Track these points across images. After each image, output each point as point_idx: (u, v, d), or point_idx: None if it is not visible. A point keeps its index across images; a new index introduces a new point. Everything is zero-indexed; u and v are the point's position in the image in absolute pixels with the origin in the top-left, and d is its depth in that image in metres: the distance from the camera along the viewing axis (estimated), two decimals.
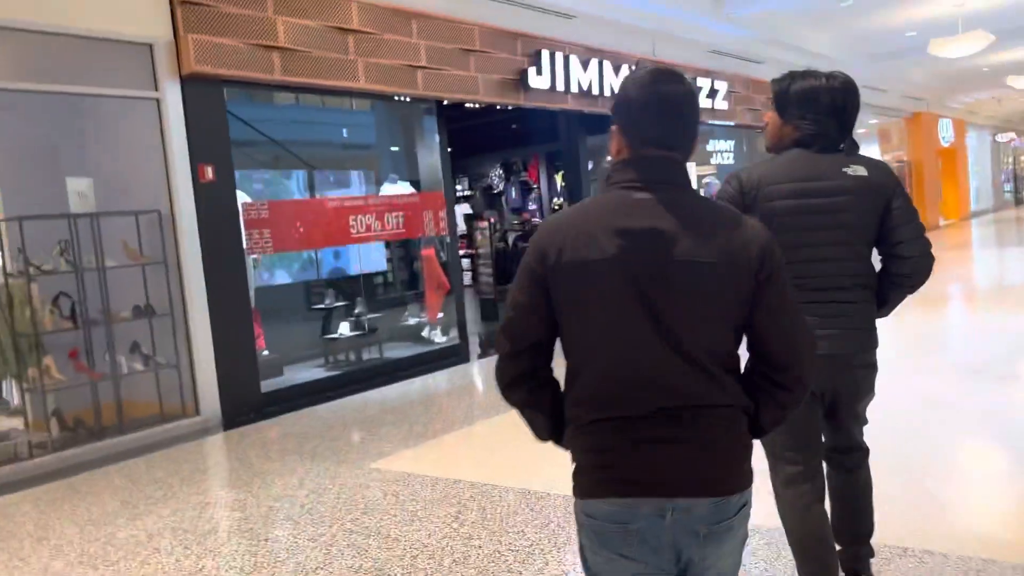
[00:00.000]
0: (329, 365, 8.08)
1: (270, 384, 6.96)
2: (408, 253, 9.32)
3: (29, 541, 4.06)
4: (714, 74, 12.05)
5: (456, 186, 14.53)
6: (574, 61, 9.50)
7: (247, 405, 6.48)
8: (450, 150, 8.87)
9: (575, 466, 1.65)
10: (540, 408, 1.70)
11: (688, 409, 1.56)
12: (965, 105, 24.81)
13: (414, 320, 9.12)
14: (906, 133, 21.61)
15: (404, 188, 8.78)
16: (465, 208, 16.41)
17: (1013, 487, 3.81)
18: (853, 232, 2.40)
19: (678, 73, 1.64)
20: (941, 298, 9.61)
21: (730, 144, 14.19)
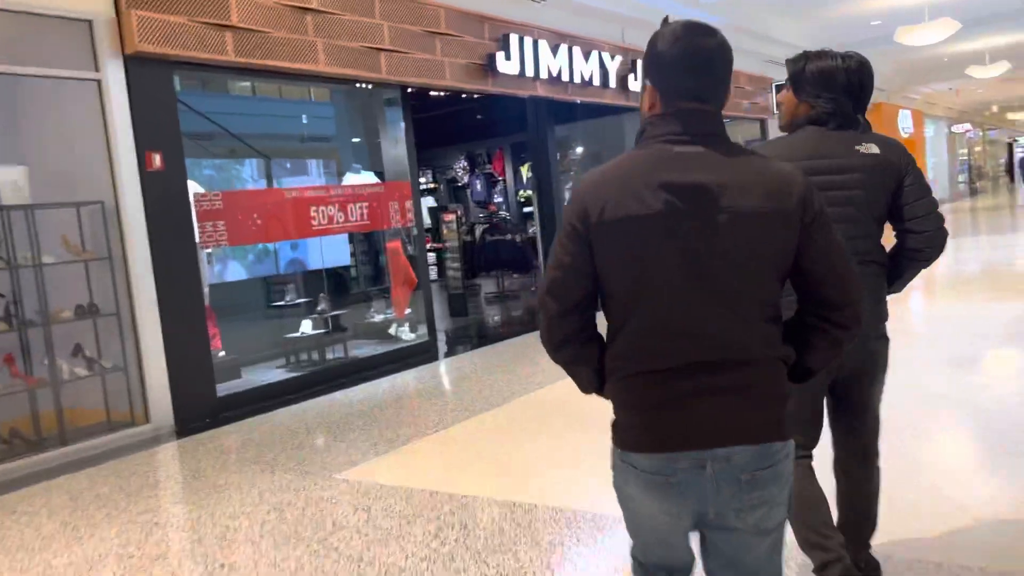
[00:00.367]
0: (290, 366, 7.65)
1: (227, 387, 6.54)
2: (373, 246, 8.90)
3: None
4: None
5: (419, 179, 14.13)
6: (543, 46, 9.17)
7: (202, 411, 6.06)
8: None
9: (614, 419, 1.67)
10: (588, 363, 1.71)
11: (728, 360, 1.57)
12: (923, 96, 25.07)
13: (380, 317, 8.71)
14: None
15: (368, 178, 8.36)
16: (429, 201, 16.01)
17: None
18: (863, 209, 2.40)
19: (710, 26, 1.63)
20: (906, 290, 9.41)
21: None
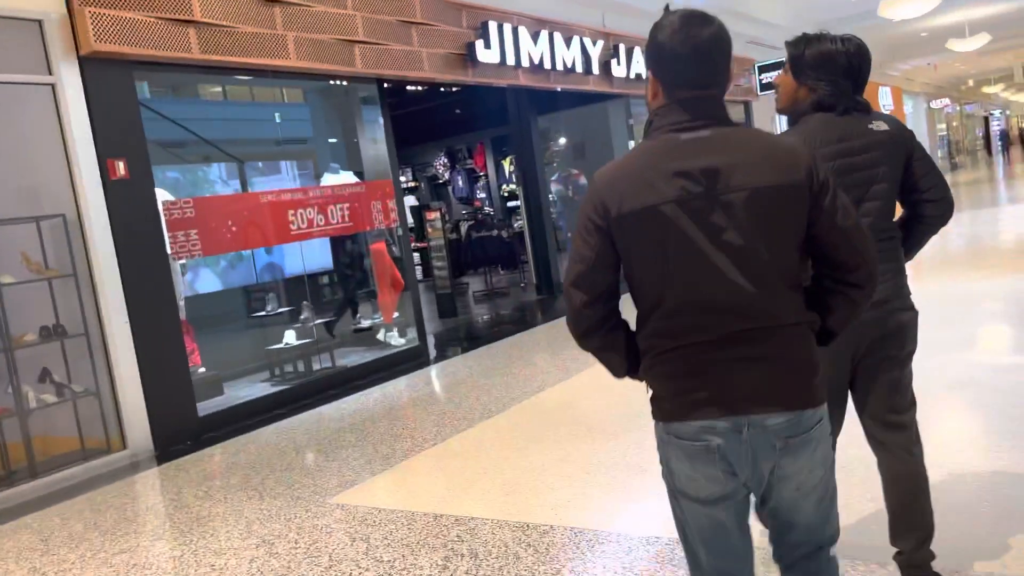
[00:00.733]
0: (275, 379, 7.28)
1: (208, 406, 6.19)
2: (356, 249, 8.52)
3: None
4: None
5: (400, 177, 13.78)
6: (523, 33, 8.84)
7: (183, 433, 5.70)
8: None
9: (652, 394, 1.74)
10: (616, 348, 1.80)
11: (760, 330, 1.63)
12: (902, 72, 24.94)
13: (367, 322, 8.35)
14: None
15: (347, 178, 7.99)
16: (411, 200, 15.64)
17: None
18: (891, 184, 2.46)
19: (707, 15, 1.68)
20: None
21: None
